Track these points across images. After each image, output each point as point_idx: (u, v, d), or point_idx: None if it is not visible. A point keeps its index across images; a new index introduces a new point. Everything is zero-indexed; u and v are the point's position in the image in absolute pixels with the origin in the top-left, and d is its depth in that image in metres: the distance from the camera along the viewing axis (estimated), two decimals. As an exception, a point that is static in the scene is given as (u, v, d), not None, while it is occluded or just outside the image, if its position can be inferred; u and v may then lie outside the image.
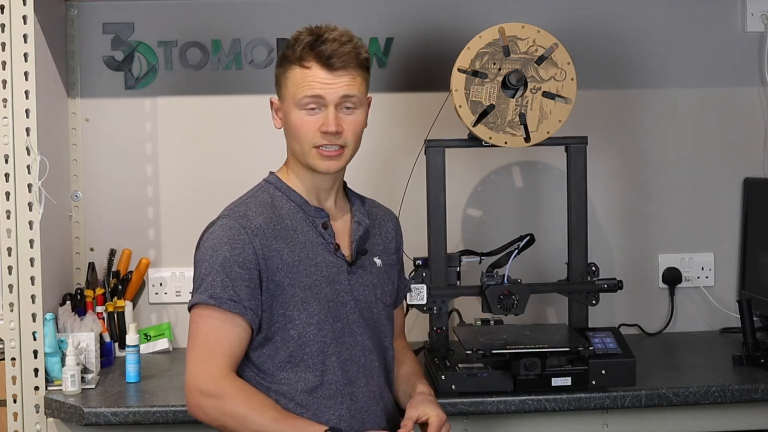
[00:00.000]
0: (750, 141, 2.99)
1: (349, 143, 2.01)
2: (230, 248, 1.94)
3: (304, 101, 1.98)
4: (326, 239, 2.03)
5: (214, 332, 1.93)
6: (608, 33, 2.92)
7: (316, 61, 1.97)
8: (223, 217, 2.00)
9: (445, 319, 2.53)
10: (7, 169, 2.36)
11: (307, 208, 2.04)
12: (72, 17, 2.82)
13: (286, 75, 2.01)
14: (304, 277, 1.98)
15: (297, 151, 2.02)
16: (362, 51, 2.02)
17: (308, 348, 1.98)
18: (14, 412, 2.38)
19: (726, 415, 2.39)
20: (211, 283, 1.93)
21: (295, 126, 2.00)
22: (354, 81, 1.99)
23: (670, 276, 2.95)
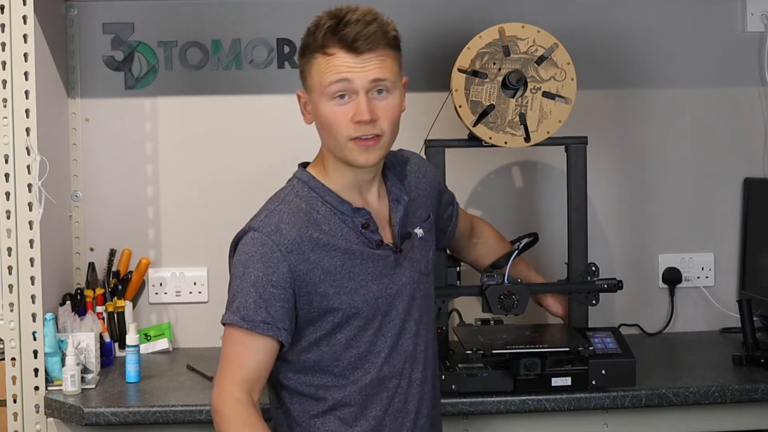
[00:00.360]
0: (750, 141, 2.98)
1: (386, 131, 1.88)
2: (263, 266, 1.86)
3: (332, 89, 1.84)
4: (368, 238, 1.94)
5: (241, 354, 1.87)
6: (608, 33, 2.92)
7: (340, 47, 1.83)
8: (254, 229, 1.89)
9: (445, 319, 2.52)
10: (7, 169, 2.36)
11: (344, 208, 1.93)
12: (72, 17, 2.82)
13: (309, 65, 1.88)
14: (348, 282, 1.91)
15: (332, 146, 1.90)
16: (390, 29, 1.89)
17: (355, 350, 1.93)
18: (14, 412, 2.38)
19: (726, 415, 2.39)
20: (244, 304, 1.86)
21: (325, 118, 1.87)
22: (384, 63, 1.86)
23: (670, 276, 2.95)
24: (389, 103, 1.89)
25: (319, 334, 1.92)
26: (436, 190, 2.17)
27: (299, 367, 1.94)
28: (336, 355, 1.93)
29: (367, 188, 1.98)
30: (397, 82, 1.91)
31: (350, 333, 1.92)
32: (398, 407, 1.97)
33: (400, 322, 1.97)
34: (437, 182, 2.19)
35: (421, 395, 2.02)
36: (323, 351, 1.93)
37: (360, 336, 1.93)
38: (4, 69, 2.35)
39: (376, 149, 1.89)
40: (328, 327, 1.91)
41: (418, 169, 2.12)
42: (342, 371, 1.94)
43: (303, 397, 1.95)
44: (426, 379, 2.03)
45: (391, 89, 1.89)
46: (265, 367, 1.90)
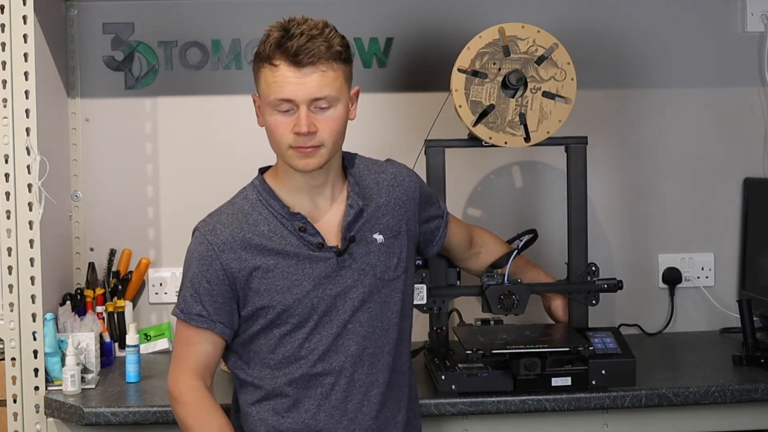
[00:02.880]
0: (750, 141, 2.99)
1: (327, 142, 1.95)
2: (199, 263, 2.01)
3: (274, 102, 1.94)
4: (307, 240, 2.01)
5: (185, 343, 2.05)
6: (608, 33, 2.92)
7: (283, 59, 1.91)
8: (197, 229, 2.05)
9: (445, 319, 2.53)
10: (7, 169, 2.36)
11: (282, 212, 2.02)
12: (72, 17, 2.82)
13: (259, 73, 1.97)
14: (280, 280, 1.99)
15: (276, 151, 2.01)
16: (335, 43, 1.93)
17: (289, 345, 2.00)
18: (14, 412, 2.38)
19: (726, 415, 2.39)
20: (183, 298, 2.03)
21: (270, 127, 1.97)
22: (325, 77, 1.92)
23: (670, 276, 2.95)
24: (330, 115, 1.95)
25: (256, 328, 2.02)
26: (415, 201, 2.17)
27: (242, 357, 2.06)
28: (271, 348, 2.02)
29: (318, 193, 2.05)
30: (342, 94, 1.96)
31: (285, 329, 2.01)
32: (335, 405, 2.02)
33: (342, 323, 2.02)
34: (419, 194, 2.19)
35: (367, 398, 2.04)
36: (261, 344, 2.03)
37: (294, 333, 2.01)
38: (4, 69, 2.35)
39: (316, 156, 1.96)
40: (263, 323, 2.01)
41: (394, 178, 2.15)
42: (276, 364, 2.02)
43: (245, 385, 2.07)
44: (376, 382, 2.05)
45: (333, 103, 1.95)
46: (211, 357, 2.05)
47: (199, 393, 2.03)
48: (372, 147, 2.88)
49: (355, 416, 2.02)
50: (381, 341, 2.06)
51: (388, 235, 2.09)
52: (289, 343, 2.01)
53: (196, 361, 2.04)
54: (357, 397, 2.03)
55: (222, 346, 2.05)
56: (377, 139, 2.88)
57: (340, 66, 1.95)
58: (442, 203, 2.36)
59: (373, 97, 2.88)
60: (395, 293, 2.09)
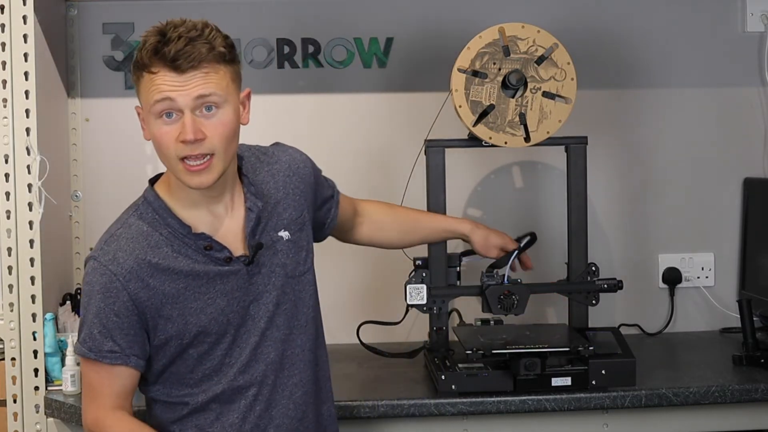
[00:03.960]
0: (750, 141, 2.99)
1: (217, 149, 1.81)
2: (104, 297, 1.84)
3: (156, 108, 1.79)
4: (213, 258, 1.89)
5: (97, 380, 1.89)
6: (608, 33, 2.92)
7: (162, 65, 1.78)
8: (94, 258, 1.87)
9: (445, 319, 2.53)
10: (7, 169, 2.36)
11: (185, 231, 1.88)
12: (72, 17, 2.82)
13: (139, 83, 1.83)
14: (192, 302, 1.87)
15: (167, 166, 1.85)
16: (217, 44, 1.81)
17: (208, 363, 1.91)
18: (14, 412, 2.38)
19: (726, 415, 2.39)
20: (90, 335, 1.86)
21: (155, 138, 1.82)
22: (208, 78, 1.78)
23: (670, 276, 2.95)
24: (219, 119, 1.81)
25: (171, 352, 1.90)
26: (311, 187, 2.06)
27: (158, 380, 1.94)
28: (190, 368, 1.91)
29: (216, 202, 1.91)
30: (230, 96, 1.83)
31: (202, 349, 1.90)
32: (259, 414, 1.94)
33: (259, 332, 1.93)
34: (312, 177, 2.07)
35: (292, 401, 1.97)
36: (178, 366, 1.92)
37: (212, 351, 1.91)
38: (4, 69, 2.35)
39: (209, 171, 1.82)
40: (178, 347, 1.90)
41: (288, 167, 2.03)
42: (196, 382, 1.92)
43: (163, 404, 1.96)
44: (300, 383, 1.98)
45: (220, 104, 1.81)
46: (128, 389, 1.91)
47: (118, 418, 1.89)
48: (372, 147, 2.89)
49: (281, 421, 1.96)
50: (300, 339, 1.98)
51: (294, 229, 1.99)
52: (208, 361, 1.91)
53: (115, 396, 1.89)
54: (282, 401, 1.95)
55: (137, 376, 1.91)
56: (377, 139, 2.88)
57: (225, 67, 1.82)
58: (330, 179, 2.19)
59: (373, 97, 2.88)
60: (308, 286, 2.00)
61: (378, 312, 2.79)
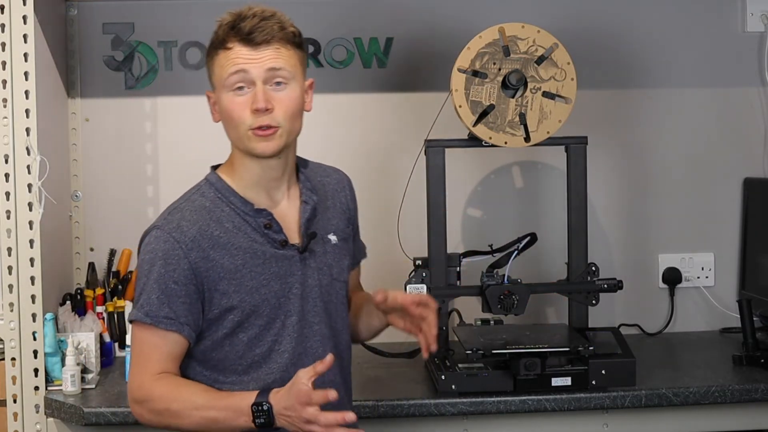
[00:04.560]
0: (750, 141, 2.99)
1: (283, 123, 1.89)
2: (164, 263, 1.88)
3: (230, 80, 1.88)
4: (271, 238, 1.93)
5: (148, 346, 1.90)
6: (608, 33, 2.92)
7: (237, 40, 1.88)
8: (157, 227, 1.93)
9: (445, 319, 2.53)
10: (7, 169, 2.36)
11: (246, 209, 1.94)
12: (72, 17, 2.82)
13: (212, 62, 1.92)
14: (248, 281, 1.90)
15: (234, 138, 1.93)
16: (287, 25, 1.91)
17: (258, 349, 1.92)
18: (14, 412, 2.38)
19: (726, 415, 2.39)
20: (147, 300, 1.89)
21: (226, 110, 1.91)
22: (279, 53, 1.88)
23: (670, 276, 2.95)
24: (286, 95, 1.90)
25: (222, 333, 1.92)
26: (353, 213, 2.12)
27: (204, 364, 1.95)
28: (239, 354, 1.93)
29: (275, 187, 1.97)
30: (297, 76, 1.92)
31: (252, 332, 1.92)
32: None
33: (309, 324, 1.96)
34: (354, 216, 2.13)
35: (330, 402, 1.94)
36: (226, 350, 1.93)
37: (262, 336, 1.93)
38: (4, 69, 2.35)
39: (274, 139, 1.90)
40: (229, 326, 1.92)
41: (338, 183, 2.10)
42: (245, 369, 1.94)
43: None
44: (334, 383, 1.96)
45: (289, 81, 1.90)
46: (177, 358, 1.92)
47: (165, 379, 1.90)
48: (372, 147, 2.89)
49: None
50: (339, 341, 2.02)
51: (340, 237, 2.05)
52: (258, 347, 1.93)
53: (164, 362, 1.90)
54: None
55: (186, 348, 1.92)
56: (377, 139, 2.88)
57: (294, 49, 1.91)
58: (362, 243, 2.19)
59: (373, 97, 2.88)
60: (344, 294, 2.05)
61: (378, 312, 2.78)
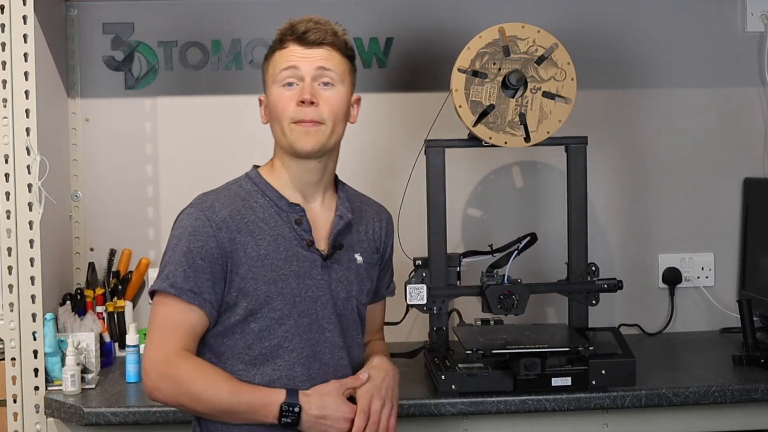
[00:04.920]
0: (750, 141, 2.99)
1: (326, 119, 1.97)
2: (194, 239, 1.93)
3: (282, 75, 1.97)
4: (299, 234, 1.98)
5: (171, 318, 1.93)
6: (608, 33, 2.92)
7: (292, 39, 1.98)
8: (191, 205, 1.99)
9: (445, 319, 2.53)
10: (7, 169, 2.36)
11: (280, 203, 2.00)
12: (72, 17, 2.82)
13: (267, 63, 2.02)
14: (268, 272, 1.95)
15: (278, 132, 1.99)
16: (341, 34, 2.02)
17: (267, 342, 1.95)
18: (14, 412, 2.38)
19: (726, 415, 2.39)
20: (173, 272, 1.93)
21: (273, 104, 1.99)
22: (330, 56, 1.98)
23: (670, 276, 2.96)
24: (333, 95, 1.98)
25: (234, 319, 1.95)
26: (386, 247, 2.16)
27: (214, 350, 1.97)
28: (248, 344, 1.95)
29: (311, 192, 2.03)
30: (345, 82, 2.01)
31: (263, 323, 1.95)
32: None
33: (320, 330, 1.99)
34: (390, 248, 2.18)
35: None
36: (237, 338, 1.95)
37: (273, 329, 1.96)
38: (4, 69, 2.35)
39: (317, 133, 1.97)
40: (242, 313, 1.95)
41: (377, 213, 2.15)
42: (252, 360, 1.95)
43: None
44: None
45: (336, 83, 1.99)
46: (197, 334, 1.95)
47: (193, 360, 1.92)
48: (372, 147, 2.89)
49: None
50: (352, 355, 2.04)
51: (367, 260, 2.09)
52: (267, 340, 1.95)
53: (186, 338, 1.92)
54: None
55: (206, 326, 1.95)
56: (377, 139, 2.88)
57: (344, 57, 2.02)
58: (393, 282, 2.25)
59: (373, 97, 2.88)
60: (361, 316, 2.08)
61: (378, 312, 2.79)
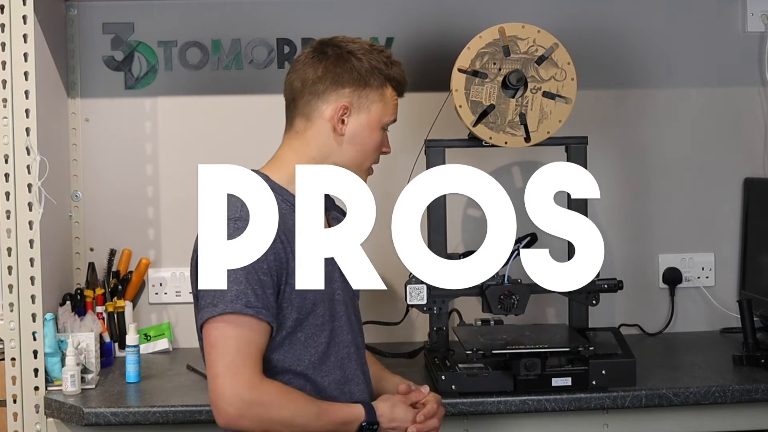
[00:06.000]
0: (750, 141, 2.99)
1: None
2: None
3: (387, 122, 2.03)
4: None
5: (248, 340, 1.84)
6: (608, 33, 2.92)
7: (398, 87, 2.04)
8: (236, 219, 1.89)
9: (445, 319, 2.53)
10: (7, 169, 2.36)
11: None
12: (72, 17, 2.82)
13: (378, 91, 2.01)
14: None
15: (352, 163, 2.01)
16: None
17: (314, 350, 1.94)
18: (14, 412, 2.38)
19: (726, 415, 2.39)
20: (244, 291, 1.83)
21: (371, 144, 2.02)
22: None
23: (670, 276, 2.95)
24: None
25: (286, 332, 1.91)
26: None
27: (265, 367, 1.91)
28: (297, 355, 1.93)
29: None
30: None
31: (309, 332, 1.93)
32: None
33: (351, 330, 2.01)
34: None
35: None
36: (285, 350, 1.92)
37: (317, 336, 1.94)
38: (4, 69, 2.35)
39: None
40: (292, 324, 1.91)
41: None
42: (304, 370, 1.94)
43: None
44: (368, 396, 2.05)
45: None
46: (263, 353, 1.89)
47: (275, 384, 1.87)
48: (372, 147, 2.88)
49: None
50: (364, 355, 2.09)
51: None
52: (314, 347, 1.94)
53: (259, 354, 1.86)
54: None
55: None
56: (377, 139, 2.88)
57: None
58: None
59: (373, 97, 2.87)
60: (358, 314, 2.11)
61: (378, 312, 2.79)
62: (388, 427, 1.96)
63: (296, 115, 2.02)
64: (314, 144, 1.99)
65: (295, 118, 2.03)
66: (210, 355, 1.84)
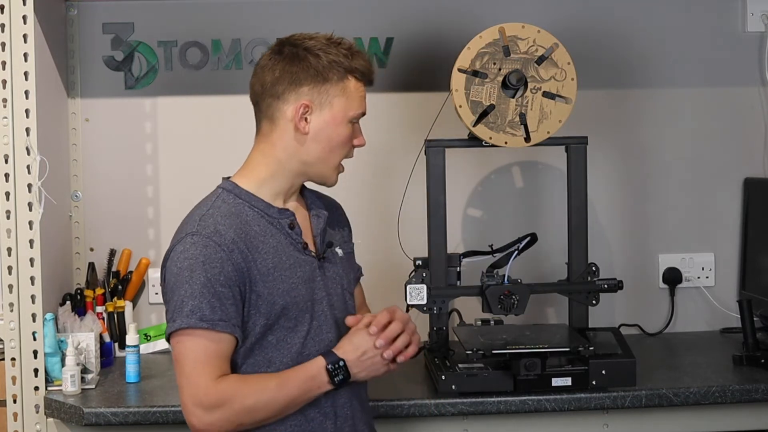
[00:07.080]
0: (750, 141, 2.99)
1: None
2: (209, 267, 1.87)
3: (355, 114, 1.99)
4: (294, 239, 1.97)
5: (204, 350, 1.87)
6: (608, 33, 2.92)
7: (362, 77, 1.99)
8: (192, 234, 1.90)
9: (445, 319, 2.53)
10: (7, 169, 2.36)
11: (270, 211, 1.96)
12: (72, 17, 2.82)
13: (341, 84, 1.97)
14: (280, 283, 1.92)
15: (316, 162, 1.98)
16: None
17: (287, 351, 1.93)
18: (14, 412, 2.38)
19: (726, 415, 2.39)
20: (197, 306, 1.85)
21: (339, 139, 1.98)
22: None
23: (670, 276, 2.95)
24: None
25: (254, 338, 1.92)
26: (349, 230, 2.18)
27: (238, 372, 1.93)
28: (268, 358, 1.93)
29: (292, 197, 2.04)
30: None
31: (280, 334, 1.93)
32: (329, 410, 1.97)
33: (330, 330, 1.99)
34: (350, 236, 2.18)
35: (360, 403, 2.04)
36: (256, 354, 1.93)
37: (290, 338, 1.94)
38: (4, 69, 2.35)
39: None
40: (260, 330, 1.92)
41: (334, 205, 2.17)
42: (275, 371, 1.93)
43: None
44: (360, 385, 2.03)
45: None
46: (226, 361, 1.90)
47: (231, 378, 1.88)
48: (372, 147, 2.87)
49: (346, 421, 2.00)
50: None
51: (346, 250, 2.11)
52: (286, 349, 1.93)
53: (222, 366, 1.88)
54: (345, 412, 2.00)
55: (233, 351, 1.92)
56: (377, 139, 2.87)
57: None
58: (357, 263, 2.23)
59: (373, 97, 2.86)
60: (353, 308, 2.09)
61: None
62: (357, 357, 1.92)
63: (261, 118, 2.03)
64: (279, 145, 1.99)
65: (261, 122, 2.03)
66: (175, 369, 1.91)
